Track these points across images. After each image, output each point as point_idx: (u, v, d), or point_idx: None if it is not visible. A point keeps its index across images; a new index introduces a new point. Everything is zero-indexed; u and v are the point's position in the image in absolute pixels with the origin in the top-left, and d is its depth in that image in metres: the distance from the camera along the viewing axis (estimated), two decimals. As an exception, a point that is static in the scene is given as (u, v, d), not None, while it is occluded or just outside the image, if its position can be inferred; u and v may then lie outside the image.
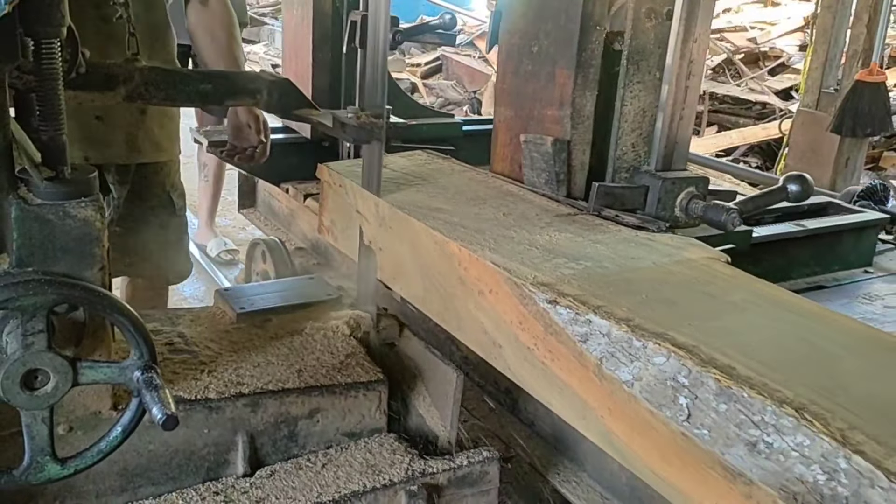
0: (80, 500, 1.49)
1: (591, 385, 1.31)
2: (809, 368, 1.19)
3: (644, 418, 1.21)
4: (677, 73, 1.86)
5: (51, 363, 1.14)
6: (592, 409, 1.32)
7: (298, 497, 1.54)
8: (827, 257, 2.83)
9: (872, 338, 1.36)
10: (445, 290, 1.68)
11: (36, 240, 1.28)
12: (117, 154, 2.40)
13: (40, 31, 1.23)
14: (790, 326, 1.37)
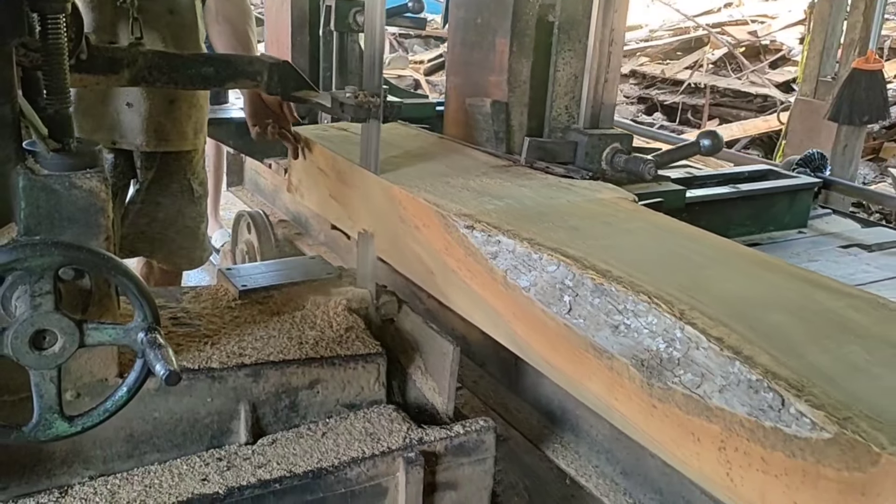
0: (87, 465, 1.53)
1: (499, 295, 1.58)
2: (673, 272, 1.44)
3: (538, 316, 1.47)
4: (600, 41, 2.09)
5: (58, 324, 1.18)
6: (501, 315, 1.59)
7: (299, 463, 1.59)
8: (762, 218, 3.11)
9: (738, 252, 1.63)
10: (390, 230, 1.93)
11: (43, 209, 1.33)
12: (145, 141, 2.47)
13: (46, 6, 1.28)
14: (669, 244, 1.62)
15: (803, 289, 1.45)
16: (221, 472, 1.55)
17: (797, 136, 5.21)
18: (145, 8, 2.28)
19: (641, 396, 1.27)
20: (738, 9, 10.09)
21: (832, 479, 1.00)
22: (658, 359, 1.24)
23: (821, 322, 1.31)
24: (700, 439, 1.18)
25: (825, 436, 1.00)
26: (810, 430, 1.02)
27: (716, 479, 1.17)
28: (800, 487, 1.03)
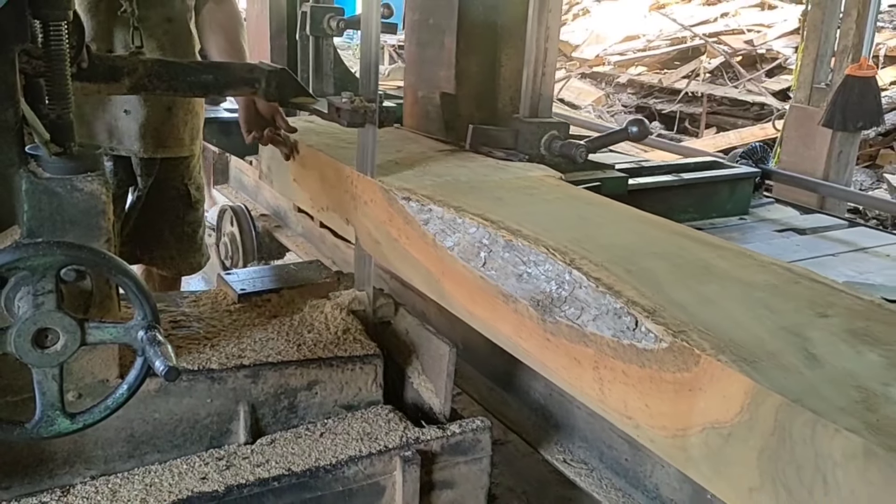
0: (89, 465, 1.56)
1: (430, 255, 1.79)
2: (573, 230, 1.66)
3: (460, 271, 1.69)
4: (537, 39, 2.27)
5: (60, 322, 1.21)
6: (432, 273, 1.79)
7: (297, 462, 1.61)
8: (705, 205, 3.33)
9: (635, 215, 1.87)
10: (343, 206, 2.13)
11: (45, 212, 1.36)
12: (142, 147, 2.50)
13: (48, 13, 1.31)
14: (577, 210, 1.86)
15: (681, 242, 1.67)
16: (221, 471, 1.57)
17: (792, 143, 5.24)
18: (144, 16, 2.32)
19: (538, 332, 1.49)
20: (734, 18, 10.15)
21: (669, 381, 1.23)
22: (550, 298, 1.47)
23: (688, 267, 1.52)
24: (580, 362, 1.41)
25: (663, 346, 1.23)
26: (654, 342, 1.25)
27: (592, 394, 1.40)
28: (649, 391, 1.27)
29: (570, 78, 10.19)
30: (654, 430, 1.28)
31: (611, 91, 9.90)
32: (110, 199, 1.40)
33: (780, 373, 1.12)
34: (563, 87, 9.95)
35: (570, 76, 10.25)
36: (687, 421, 1.21)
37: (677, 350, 1.21)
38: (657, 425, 1.27)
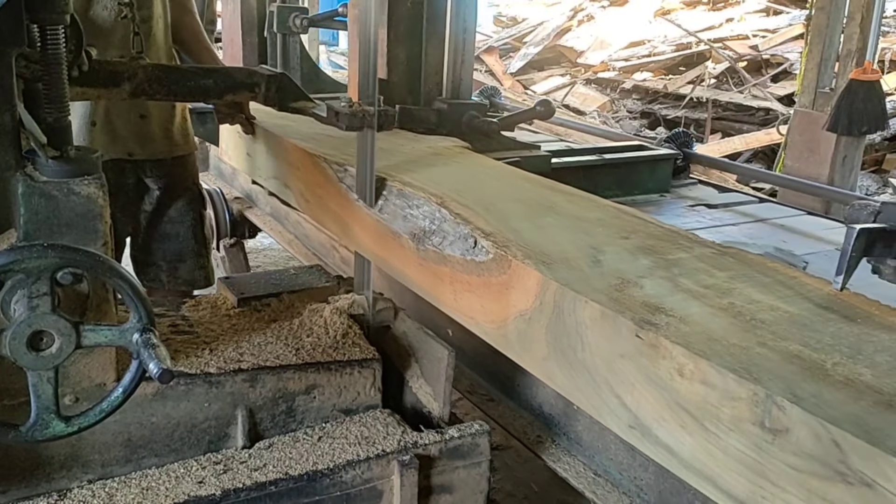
0: (86, 470, 1.56)
1: (346, 207, 2.12)
2: (457, 183, 1.95)
3: (365, 218, 2.03)
4: (455, 31, 2.58)
5: (55, 325, 1.21)
6: (347, 222, 2.14)
7: (295, 466, 1.60)
8: (627, 184, 3.63)
9: (517, 174, 2.24)
10: (287, 176, 2.51)
11: (42, 215, 1.36)
12: (158, 149, 2.55)
13: (45, 17, 1.32)
14: (470, 170, 2.17)
15: (542, 191, 2.03)
16: (218, 475, 1.57)
17: (797, 148, 5.23)
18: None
19: (414, 259, 1.85)
20: (739, 24, 10.14)
21: (495, 283, 1.60)
22: (423, 232, 1.83)
23: (538, 207, 1.89)
24: (441, 278, 1.77)
25: (490, 257, 1.62)
26: (485, 255, 1.63)
27: (448, 302, 1.77)
28: (483, 294, 1.65)
29: (574, 84, 10.20)
30: (487, 325, 1.65)
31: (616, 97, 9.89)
32: (107, 202, 1.40)
33: (567, 271, 1.51)
34: (568, 93, 9.95)
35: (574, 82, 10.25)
36: (506, 313, 1.59)
37: (499, 259, 1.59)
38: (488, 320, 1.64)
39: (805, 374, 1.14)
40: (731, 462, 1.15)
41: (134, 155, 2.52)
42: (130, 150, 2.51)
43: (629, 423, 1.32)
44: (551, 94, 9.92)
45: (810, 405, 1.05)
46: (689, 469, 1.23)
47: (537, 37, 11.08)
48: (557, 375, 1.47)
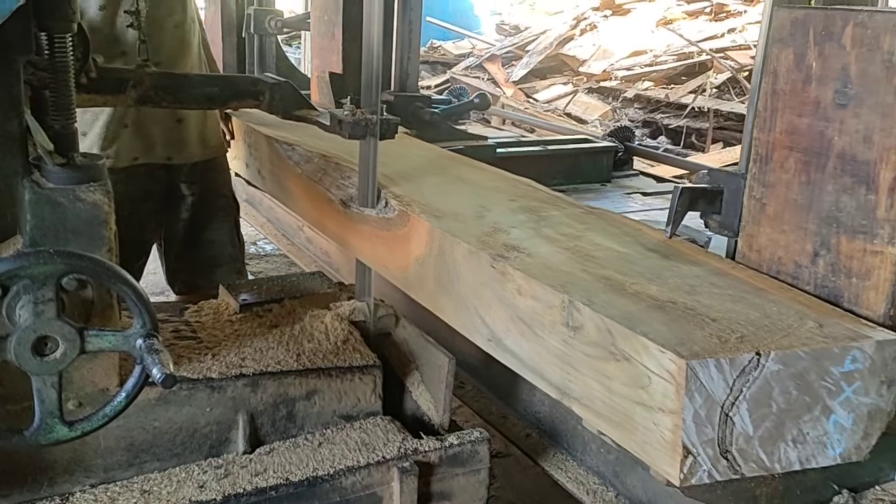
0: (89, 474, 1.57)
1: (293, 178, 2.50)
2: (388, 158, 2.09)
3: (306, 187, 2.40)
4: (401, 31, 2.86)
5: (60, 330, 1.22)
6: (293, 192, 2.54)
7: (295, 471, 1.62)
8: (570, 173, 3.93)
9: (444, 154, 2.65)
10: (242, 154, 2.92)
11: (48, 222, 1.38)
12: (194, 153, 2.54)
13: (53, 25, 1.34)
14: (403, 151, 2.44)
15: (458, 167, 2.41)
16: (219, 480, 1.58)
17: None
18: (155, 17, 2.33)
19: (344, 220, 2.16)
20: (741, 34, 10.15)
21: (399, 235, 1.91)
22: (350, 198, 2.12)
23: (449, 177, 2.27)
24: (363, 236, 2.09)
25: (395, 213, 1.94)
26: (392, 213, 1.95)
27: (368, 255, 2.07)
28: (392, 246, 1.97)
29: (577, 93, 10.22)
30: (395, 271, 1.97)
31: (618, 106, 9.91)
32: (112, 209, 1.42)
33: (453, 222, 1.81)
34: (570, 101, 9.97)
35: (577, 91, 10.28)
36: (407, 259, 1.90)
37: (402, 215, 1.90)
38: (396, 267, 1.97)
39: (606, 289, 1.46)
40: (551, 357, 1.46)
41: (172, 160, 2.49)
42: (169, 154, 2.48)
43: (488, 337, 1.63)
44: (553, 103, 9.95)
45: (598, 307, 1.37)
46: (527, 367, 1.53)
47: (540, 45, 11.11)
48: (441, 305, 1.79)
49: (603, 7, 11.48)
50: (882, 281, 1.40)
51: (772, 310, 1.40)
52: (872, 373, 1.29)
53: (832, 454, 1.32)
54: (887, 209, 1.38)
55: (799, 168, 1.52)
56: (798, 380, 1.25)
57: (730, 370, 1.21)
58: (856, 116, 1.41)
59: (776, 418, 1.26)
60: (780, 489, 1.52)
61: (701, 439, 1.21)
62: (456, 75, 10.51)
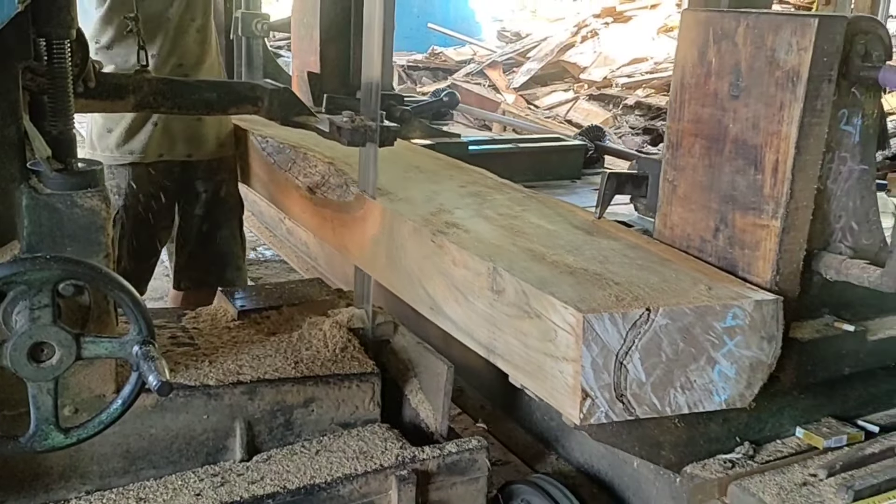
0: (84, 480, 1.56)
1: (266, 168, 2.67)
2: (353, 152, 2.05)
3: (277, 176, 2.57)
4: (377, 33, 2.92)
5: (56, 336, 1.22)
6: (265, 180, 2.72)
7: (292, 479, 1.61)
8: (541, 170, 3.99)
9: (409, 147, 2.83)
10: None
11: (45, 227, 1.37)
12: (210, 150, 2.59)
13: (52, 32, 1.34)
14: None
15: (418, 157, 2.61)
16: (215, 488, 1.57)
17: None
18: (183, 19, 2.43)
19: (310, 206, 2.33)
20: (742, 41, 10.18)
21: (357, 217, 2.06)
22: (316, 184, 2.30)
23: (408, 167, 2.40)
24: (325, 219, 2.26)
25: (353, 198, 2.09)
26: (351, 196, 2.11)
27: (330, 238, 2.25)
28: (352, 228, 2.11)
29: (577, 99, 10.23)
30: (354, 250, 2.14)
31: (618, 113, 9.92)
32: (110, 215, 1.41)
33: (404, 205, 1.95)
34: (571, 108, 9.98)
35: (578, 98, 10.29)
36: (364, 239, 2.05)
37: (359, 199, 2.05)
38: (355, 247, 2.13)
39: (528, 259, 1.62)
40: (480, 319, 1.61)
41: (192, 156, 2.55)
42: (189, 151, 2.54)
43: (430, 305, 1.78)
44: (554, 110, 9.94)
45: (517, 273, 1.52)
46: (461, 330, 1.68)
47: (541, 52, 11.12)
48: (392, 280, 1.94)
49: (604, 14, 11.49)
50: (768, 251, 1.58)
51: (671, 276, 1.57)
52: (753, 329, 1.45)
53: (718, 400, 1.47)
54: (771, 187, 1.55)
55: (703, 153, 1.69)
56: (684, 333, 1.41)
57: (622, 323, 1.37)
58: (746, 106, 1.58)
59: (665, 367, 1.41)
60: (683, 438, 1.64)
61: (598, 384, 1.37)
62: (457, 81, 10.51)
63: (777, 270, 1.56)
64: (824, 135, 1.53)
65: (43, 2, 1.31)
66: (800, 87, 1.48)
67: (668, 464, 1.66)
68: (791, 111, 1.50)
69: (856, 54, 1.53)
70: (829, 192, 1.60)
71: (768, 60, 1.52)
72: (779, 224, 1.54)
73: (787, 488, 1.52)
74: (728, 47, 1.60)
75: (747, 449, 1.66)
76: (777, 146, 1.53)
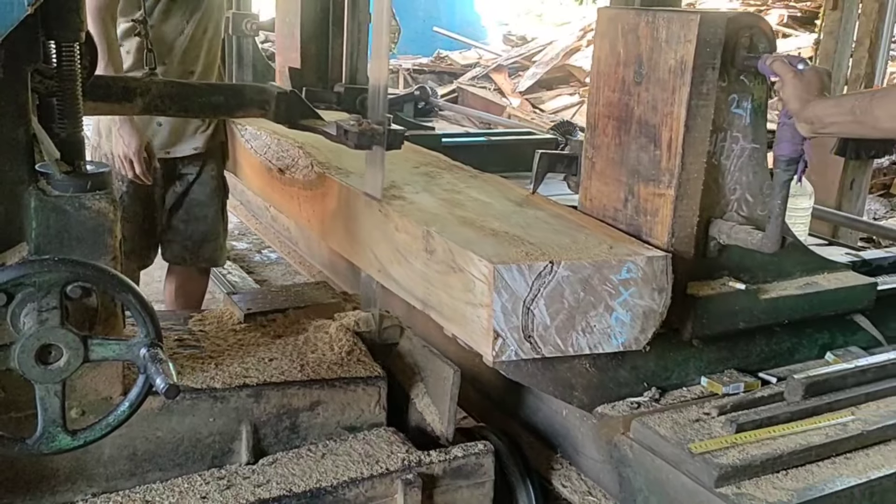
0: (91, 483, 1.56)
1: (245, 156, 2.89)
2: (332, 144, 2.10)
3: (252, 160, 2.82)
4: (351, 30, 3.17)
5: (63, 339, 1.22)
6: (243, 165, 2.95)
7: (298, 483, 1.60)
8: (512, 161, 4.00)
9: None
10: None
11: (53, 229, 1.37)
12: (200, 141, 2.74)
13: (61, 35, 1.34)
14: None
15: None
16: (221, 491, 1.57)
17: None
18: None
19: (280, 186, 2.63)
20: (748, 46, 10.18)
21: (318, 193, 2.31)
22: (287, 166, 2.52)
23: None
24: (292, 196, 2.53)
25: (315, 176, 2.33)
26: (314, 175, 2.34)
27: (295, 213, 2.57)
28: (313, 203, 2.36)
29: (583, 103, 10.23)
30: (316, 224, 2.38)
31: (624, 117, 9.91)
32: (118, 217, 1.41)
33: (358, 180, 2.11)
34: (577, 112, 9.98)
35: (583, 101, 10.29)
36: (324, 212, 2.31)
37: (320, 176, 2.29)
38: (316, 221, 2.38)
39: (458, 225, 1.83)
40: (417, 277, 1.82)
41: (198, 149, 2.72)
42: (195, 145, 2.70)
43: (378, 268, 1.99)
44: (560, 113, 9.94)
45: (447, 235, 1.72)
46: (403, 289, 1.89)
47: (546, 56, 11.12)
48: (347, 248, 2.19)
49: (610, 18, 11.48)
50: (665, 217, 1.79)
51: (581, 239, 1.78)
52: (645, 281, 1.65)
53: (615, 343, 1.67)
54: (667, 161, 1.77)
55: (614, 133, 1.90)
56: (584, 284, 1.61)
57: (529, 274, 1.57)
58: (647, 90, 1.79)
59: (568, 312, 1.61)
60: (594, 381, 1.83)
61: (508, 326, 1.58)
62: (463, 85, 10.52)
63: (673, 234, 1.78)
64: (711, 115, 1.73)
65: (52, 4, 1.31)
66: (687, 73, 1.69)
67: (580, 404, 1.84)
68: (681, 94, 1.71)
69: (741, 46, 1.73)
70: (724, 167, 1.81)
71: (663, 51, 1.74)
72: (673, 193, 1.76)
73: (681, 423, 1.73)
74: (633, 40, 1.81)
75: (654, 393, 1.86)
76: (671, 125, 1.74)
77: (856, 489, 1.62)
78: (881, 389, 1.87)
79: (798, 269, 1.98)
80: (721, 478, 1.57)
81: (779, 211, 1.72)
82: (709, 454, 1.61)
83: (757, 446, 1.65)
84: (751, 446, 1.65)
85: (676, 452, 1.65)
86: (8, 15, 1.12)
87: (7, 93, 1.31)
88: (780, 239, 1.73)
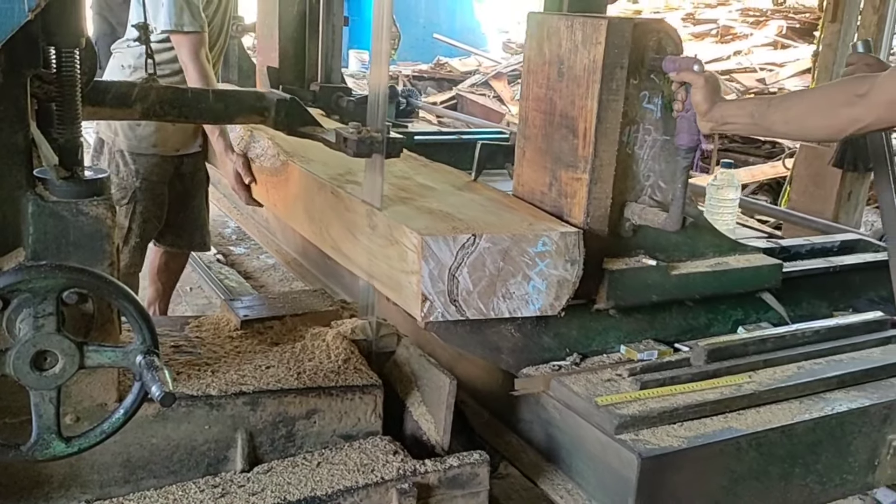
0: (85, 490, 1.55)
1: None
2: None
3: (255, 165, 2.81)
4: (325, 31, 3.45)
5: (59, 345, 1.21)
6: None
7: (293, 492, 1.60)
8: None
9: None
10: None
11: (50, 235, 1.37)
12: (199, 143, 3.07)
13: (61, 40, 1.34)
14: None
15: None
16: (216, 499, 1.56)
17: (802, 182, 5.23)
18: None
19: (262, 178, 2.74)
20: (746, 56, 10.19)
21: (282, 179, 2.53)
22: (257, 156, 2.71)
23: None
24: (263, 183, 2.70)
25: (280, 164, 2.53)
26: (279, 163, 2.55)
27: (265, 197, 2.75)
28: (280, 188, 2.58)
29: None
30: (281, 209, 2.62)
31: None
32: (115, 223, 1.41)
33: (319, 167, 2.33)
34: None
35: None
36: (288, 198, 2.52)
37: (285, 164, 2.49)
38: (282, 205, 2.61)
39: (402, 204, 2.02)
40: (361, 250, 2.04)
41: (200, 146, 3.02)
42: (199, 142, 2.99)
43: (332, 245, 2.21)
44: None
45: (389, 213, 1.92)
46: (352, 262, 2.10)
47: (546, 64, 11.16)
48: (306, 228, 2.42)
49: (609, 27, 11.50)
50: (581, 199, 1.99)
51: (507, 217, 1.99)
52: (559, 253, 1.84)
53: (533, 308, 1.86)
54: (583, 149, 1.96)
55: (541, 124, 2.09)
56: (503, 255, 1.80)
57: (453, 245, 1.76)
58: (567, 86, 1.99)
59: (489, 280, 1.80)
60: (519, 345, 1.99)
61: (436, 290, 1.76)
62: (462, 92, 10.54)
63: (588, 214, 1.98)
64: (621, 109, 1.93)
65: (52, 10, 1.31)
66: (598, 72, 1.89)
67: (507, 366, 2.00)
68: (593, 90, 1.91)
69: (649, 48, 1.93)
70: (637, 156, 2.02)
71: (579, 51, 1.94)
72: (588, 177, 1.96)
73: (594, 382, 1.92)
74: (556, 41, 2.01)
75: (575, 358, 2.04)
76: (585, 117, 1.94)
77: (742, 439, 1.82)
78: (778, 357, 2.09)
79: (710, 249, 2.20)
80: (621, 426, 1.77)
81: (679, 194, 1.94)
82: (612, 406, 1.82)
83: (657, 401, 1.86)
84: (651, 401, 1.86)
85: (585, 405, 1.85)
86: (8, 21, 1.11)
87: (7, 98, 1.31)
88: (681, 219, 1.95)
